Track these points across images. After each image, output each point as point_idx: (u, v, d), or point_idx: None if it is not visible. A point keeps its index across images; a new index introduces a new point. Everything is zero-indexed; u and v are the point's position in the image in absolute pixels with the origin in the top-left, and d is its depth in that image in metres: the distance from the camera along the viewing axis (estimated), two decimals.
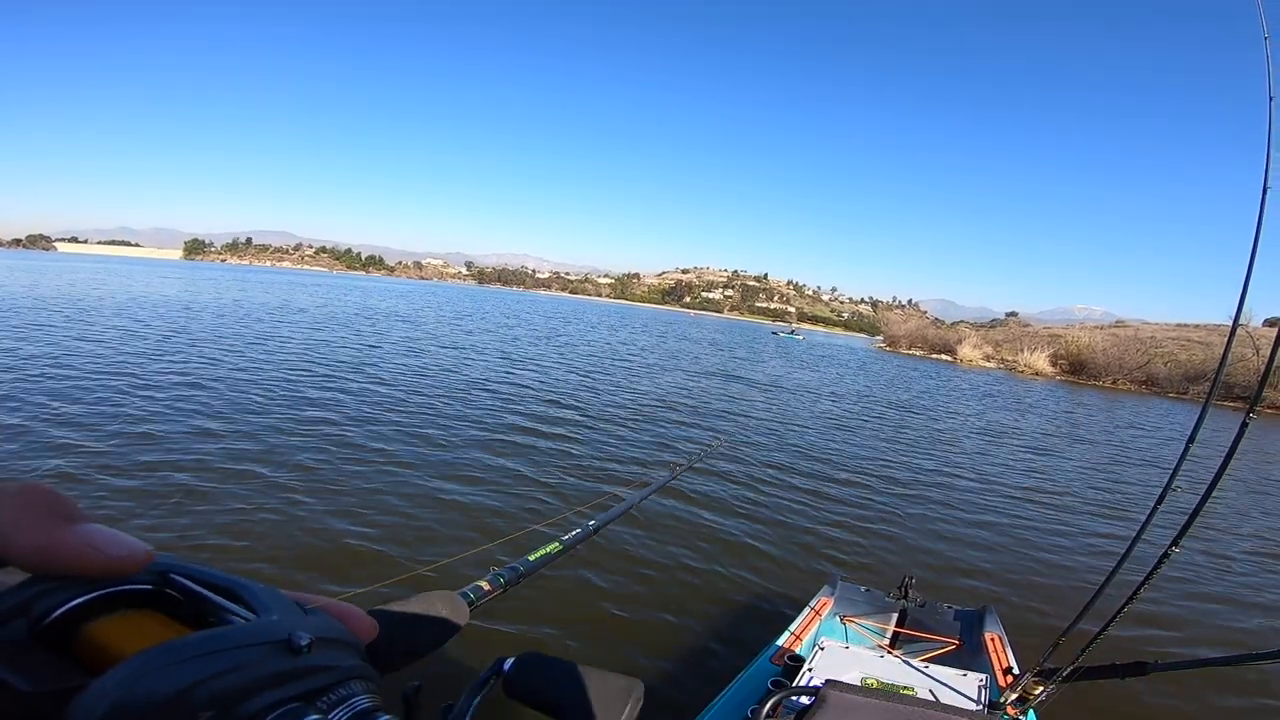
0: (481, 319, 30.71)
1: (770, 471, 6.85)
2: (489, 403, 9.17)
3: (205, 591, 0.29)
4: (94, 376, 7.80)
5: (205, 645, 0.23)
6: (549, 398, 10.29)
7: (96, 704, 0.20)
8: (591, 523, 1.36)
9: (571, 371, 14.29)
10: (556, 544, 1.22)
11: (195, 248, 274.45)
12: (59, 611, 0.25)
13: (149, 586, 0.28)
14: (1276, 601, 4.77)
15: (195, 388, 7.79)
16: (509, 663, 0.60)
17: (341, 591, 3.39)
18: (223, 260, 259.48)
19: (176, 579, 0.29)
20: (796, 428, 10.06)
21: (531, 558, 1.13)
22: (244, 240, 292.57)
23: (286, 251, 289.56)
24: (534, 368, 14.24)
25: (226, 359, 10.29)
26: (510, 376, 12.30)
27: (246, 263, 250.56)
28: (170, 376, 8.28)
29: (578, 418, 8.91)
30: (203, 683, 0.22)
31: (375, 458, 5.80)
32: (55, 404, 6.31)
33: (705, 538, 4.68)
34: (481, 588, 0.89)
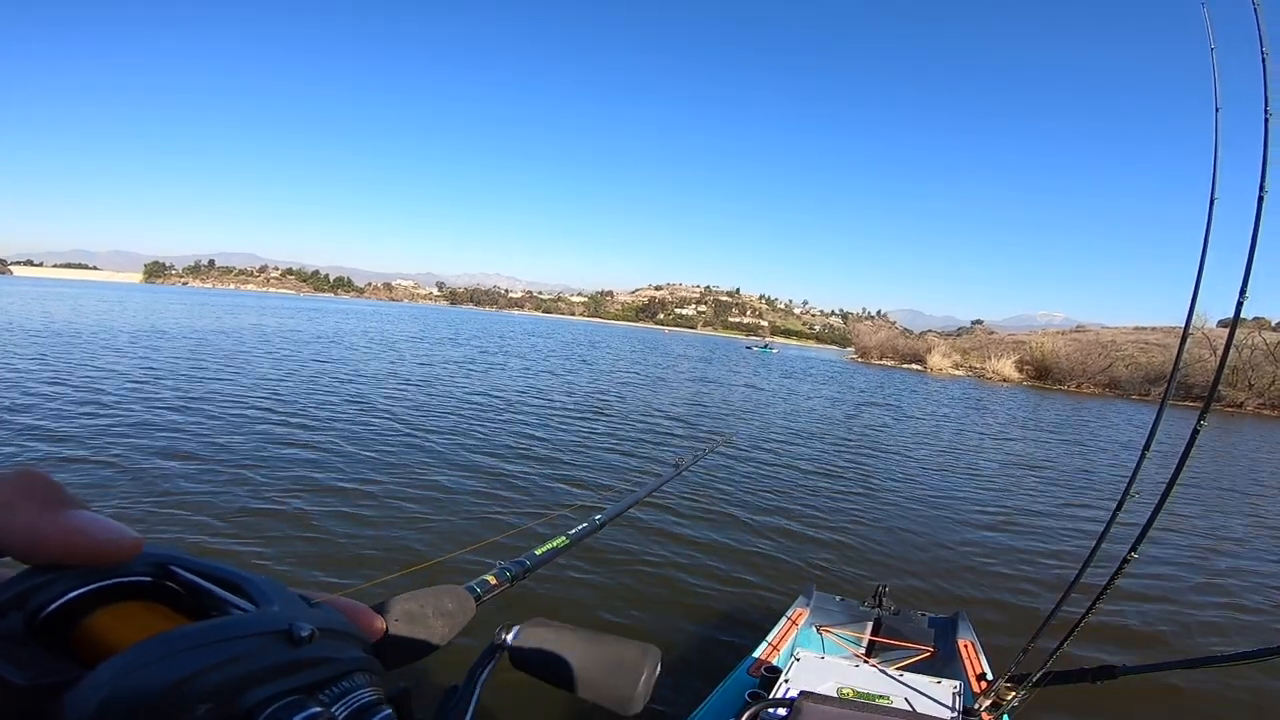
0: (473, 343, 30.60)
1: (749, 479, 6.91)
2: (495, 408, 9.96)
3: (205, 583, 0.28)
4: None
5: (203, 636, 0.23)
6: (552, 403, 11.20)
7: (91, 695, 0.20)
8: (598, 517, 1.35)
9: (566, 379, 14.99)
10: (564, 538, 1.20)
11: (156, 270, 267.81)
12: (56, 604, 0.25)
13: (148, 579, 0.28)
14: (1239, 601, 4.91)
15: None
16: (514, 632, 0.57)
17: (347, 585, 3.44)
18: (185, 283, 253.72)
19: (176, 571, 0.29)
20: (776, 436, 10.17)
21: (539, 551, 1.11)
22: (206, 262, 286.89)
23: (251, 274, 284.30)
24: (536, 375, 15.53)
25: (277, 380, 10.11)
26: (515, 384, 13.61)
27: (209, 285, 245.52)
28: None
29: (581, 421, 9.59)
30: (200, 674, 0.22)
31: (387, 457, 6.36)
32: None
33: (684, 546, 4.71)
34: (488, 582, 0.88)
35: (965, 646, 2.52)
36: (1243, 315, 1.90)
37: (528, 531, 4.41)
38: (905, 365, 47.39)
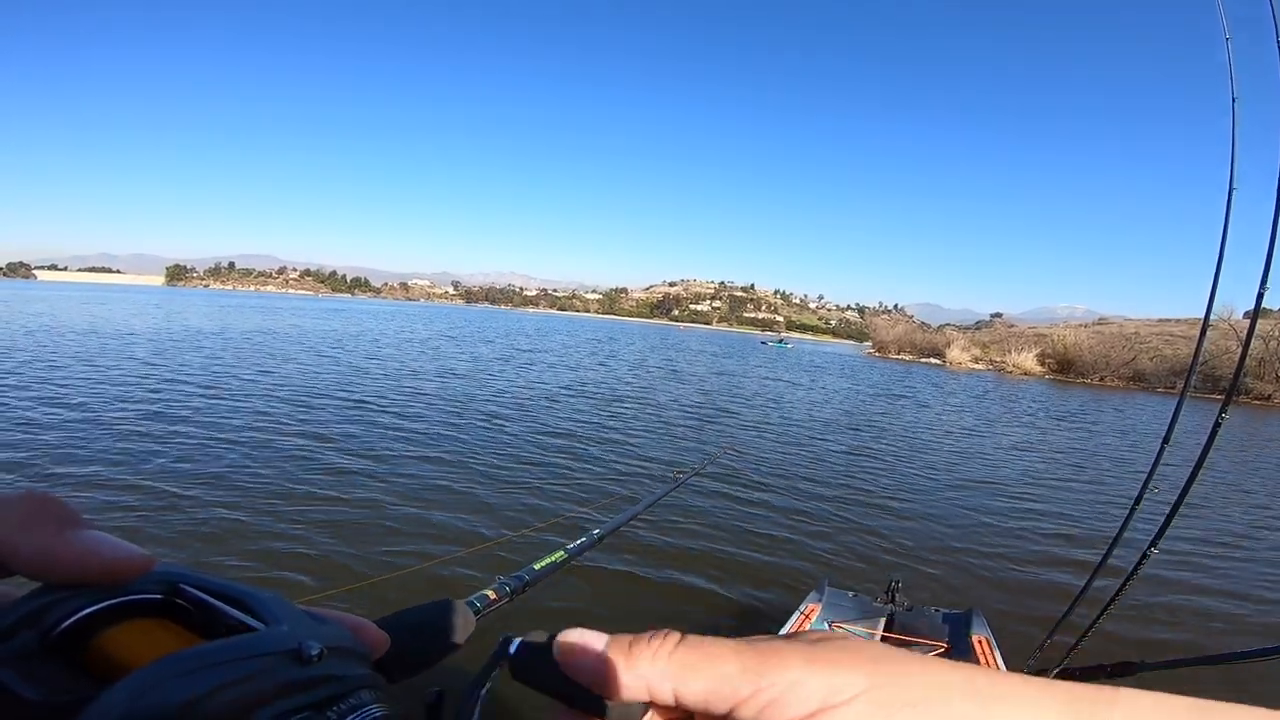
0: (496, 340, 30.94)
1: (764, 476, 6.89)
2: (493, 416, 9.82)
3: (215, 601, 0.29)
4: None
5: (216, 655, 0.24)
6: (596, 396, 11.79)
7: (107, 713, 0.21)
8: (597, 530, 1.35)
9: (603, 373, 15.39)
10: (562, 552, 1.21)
11: (177, 273, 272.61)
12: (69, 621, 0.25)
13: (159, 596, 0.29)
14: (1262, 596, 4.81)
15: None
16: (515, 643, 0.52)
17: (345, 592, 3.49)
18: (206, 285, 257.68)
19: (186, 589, 0.29)
20: (791, 433, 10.13)
21: (537, 565, 1.12)
22: (226, 265, 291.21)
23: (270, 275, 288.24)
24: (576, 369, 16.54)
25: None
26: (561, 379, 14.47)
27: (229, 288, 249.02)
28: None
29: (624, 410, 10.17)
30: (214, 692, 0.22)
31: (382, 466, 6.25)
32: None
33: (698, 544, 4.69)
34: (488, 596, 0.88)
35: (980, 642, 2.49)
36: (1268, 306, 1.87)
37: (531, 542, 4.42)
38: (924, 360, 46.95)
